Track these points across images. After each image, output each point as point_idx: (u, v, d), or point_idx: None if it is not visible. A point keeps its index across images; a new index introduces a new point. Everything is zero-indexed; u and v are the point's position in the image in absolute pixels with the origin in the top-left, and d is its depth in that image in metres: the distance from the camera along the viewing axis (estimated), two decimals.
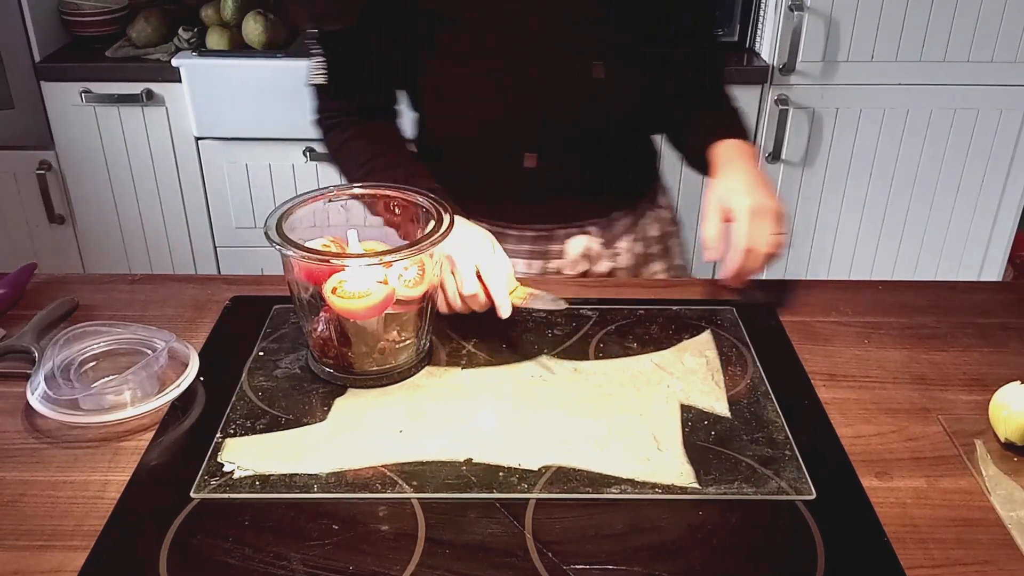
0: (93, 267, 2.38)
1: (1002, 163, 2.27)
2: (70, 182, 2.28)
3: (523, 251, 1.30)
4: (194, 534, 0.79)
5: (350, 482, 0.85)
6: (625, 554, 0.77)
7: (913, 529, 0.81)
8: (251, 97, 2.15)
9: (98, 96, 2.17)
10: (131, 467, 0.87)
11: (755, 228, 1.09)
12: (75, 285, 1.18)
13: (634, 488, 0.85)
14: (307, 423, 0.93)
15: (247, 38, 2.20)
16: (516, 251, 1.29)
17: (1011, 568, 0.77)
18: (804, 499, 0.84)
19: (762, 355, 1.05)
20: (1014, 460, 0.89)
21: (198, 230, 2.34)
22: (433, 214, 0.99)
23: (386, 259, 0.93)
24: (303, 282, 0.97)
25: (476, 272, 1.03)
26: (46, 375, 0.93)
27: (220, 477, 0.86)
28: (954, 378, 1.02)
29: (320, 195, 1.03)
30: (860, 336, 1.09)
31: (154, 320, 1.09)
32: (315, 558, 0.76)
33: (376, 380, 0.99)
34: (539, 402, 0.96)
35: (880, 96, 2.19)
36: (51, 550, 0.77)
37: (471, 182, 1.25)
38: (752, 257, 1.09)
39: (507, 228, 1.28)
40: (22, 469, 0.87)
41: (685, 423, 0.94)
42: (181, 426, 0.93)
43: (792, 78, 2.16)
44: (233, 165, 2.24)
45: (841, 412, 0.96)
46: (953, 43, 2.13)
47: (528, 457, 0.88)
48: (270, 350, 1.05)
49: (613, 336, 1.08)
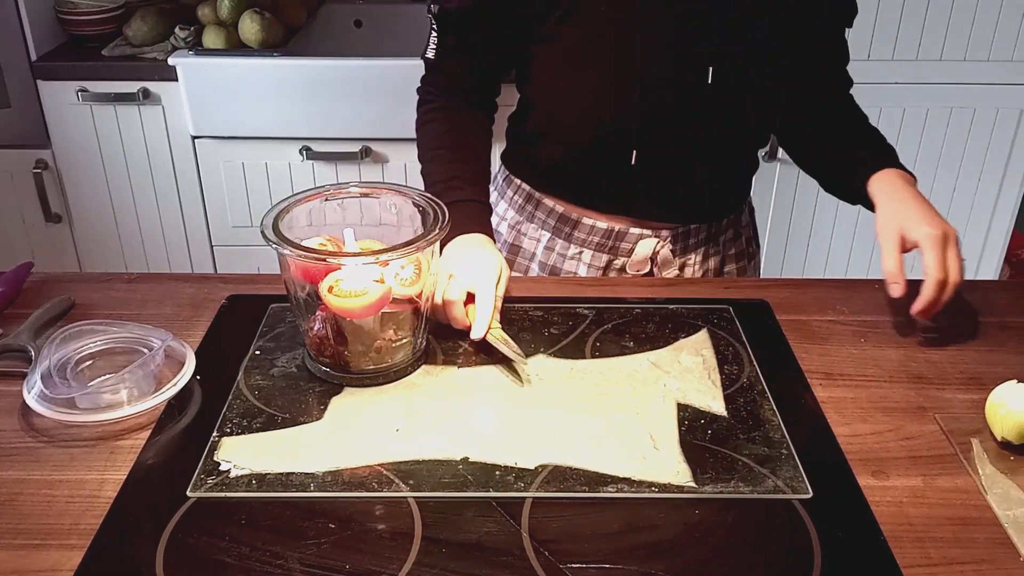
0: (89, 266, 2.38)
1: (999, 162, 2.28)
2: (67, 181, 2.28)
3: (592, 243, 1.29)
4: (190, 533, 0.79)
5: (347, 481, 0.85)
6: (622, 553, 0.77)
7: (910, 528, 0.81)
8: (248, 96, 2.14)
9: (94, 95, 2.17)
10: (127, 466, 0.87)
11: (945, 258, 1.06)
12: (71, 284, 1.18)
13: (631, 487, 0.85)
14: (304, 422, 0.93)
15: (243, 37, 2.19)
16: (585, 240, 1.30)
17: (1008, 567, 0.77)
18: (801, 498, 0.84)
19: (759, 354, 1.05)
20: (1011, 459, 0.89)
21: (195, 229, 2.34)
22: (429, 214, 0.99)
23: (382, 258, 0.93)
24: (300, 281, 0.97)
25: (468, 291, 1.05)
26: (42, 374, 0.93)
27: (216, 476, 0.85)
28: (951, 377, 1.02)
29: (317, 194, 1.03)
30: (857, 335, 1.10)
31: (150, 319, 1.09)
32: (312, 557, 0.76)
33: (372, 379, 0.99)
34: (536, 401, 0.96)
35: (877, 95, 2.19)
36: (47, 549, 0.77)
37: (565, 170, 1.28)
38: (946, 288, 1.06)
39: (584, 216, 1.29)
40: (18, 468, 0.87)
41: (681, 422, 0.94)
42: (178, 425, 0.93)
43: None
44: (230, 164, 2.24)
45: (838, 411, 0.96)
46: (950, 42, 2.14)
47: (525, 456, 0.88)
48: (267, 349, 1.05)
49: (609, 335, 1.08)
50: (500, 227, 1.37)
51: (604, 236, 1.29)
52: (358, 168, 2.22)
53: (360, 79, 2.11)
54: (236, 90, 2.13)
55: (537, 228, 1.33)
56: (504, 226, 1.36)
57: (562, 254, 1.32)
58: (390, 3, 2.53)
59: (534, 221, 1.33)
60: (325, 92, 2.12)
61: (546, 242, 1.32)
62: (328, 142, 2.20)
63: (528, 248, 1.34)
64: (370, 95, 2.12)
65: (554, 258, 1.32)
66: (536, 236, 1.33)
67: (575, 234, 1.30)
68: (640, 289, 1.20)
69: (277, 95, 2.13)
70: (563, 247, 1.31)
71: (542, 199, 1.31)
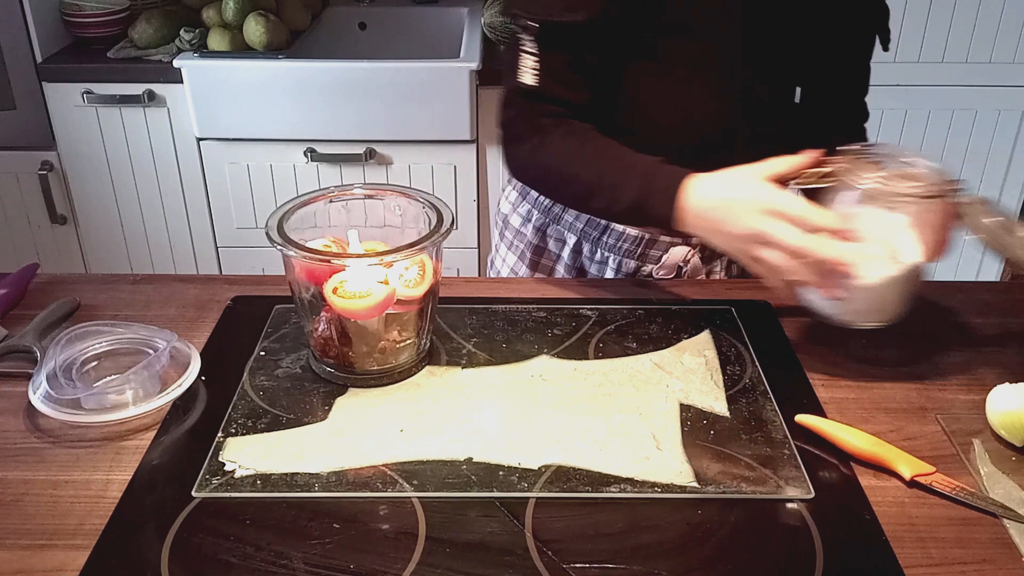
0: (95, 267, 2.39)
1: (1000, 163, 2.28)
2: (72, 182, 2.29)
3: (622, 249, 1.26)
4: (195, 533, 0.79)
5: (351, 481, 0.86)
6: (624, 553, 0.78)
7: (911, 528, 0.81)
8: (253, 98, 2.15)
9: (100, 97, 2.17)
10: (133, 466, 0.87)
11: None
12: (77, 285, 1.19)
13: (633, 487, 0.85)
14: (308, 422, 0.94)
15: (248, 39, 2.20)
16: (615, 247, 1.26)
17: (1009, 567, 0.77)
18: (803, 498, 0.84)
19: (761, 354, 1.05)
20: (1012, 459, 0.90)
21: (200, 230, 2.35)
22: (432, 214, 0.99)
23: (387, 259, 0.93)
24: (304, 282, 0.97)
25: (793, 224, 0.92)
26: (48, 375, 0.94)
27: (221, 476, 0.86)
28: (952, 378, 1.02)
29: (321, 195, 1.03)
30: (858, 336, 1.10)
31: (156, 320, 1.09)
32: (316, 557, 0.77)
33: (377, 380, 0.99)
34: (539, 401, 0.97)
35: (878, 97, 2.18)
36: (53, 549, 0.78)
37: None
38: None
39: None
40: (24, 468, 0.87)
41: (684, 422, 0.94)
42: (183, 425, 0.93)
43: None
44: (234, 166, 2.25)
45: (839, 411, 0.96)
46: (951, 44, 2.14)
47: (528, 456, 0.89)
48: (271, 350, 1.05)
49: (612, 336, 1.08)
50: (524, 228, 1.34)
51: (634, 243, 1.25)
52: (362, 170, 2.23)
53: (364, 81, 2.12)
54: (241, 92, 2.14)
55: (563, 231, 1.30)
56: (529, 228, 1.33)
57: (589, 257, 1.29)
58: (394, 5, 2.54)
59: (560, 223, 1.29)
60: (330, 94, 2.13)
61: (573, 245, 1.29)
62: (332, 144, 2.20)
63: (554, 250, 1.32)
64: (374, 97, 2.13)
65: (581, 261, 1.30)
66: (563, 239, 1.30)
67: (604, 239, 1.26)
68: (643, 290, 1.20)
69: (282, 97, 2.14)
70: (590, 251, 1.28)
71: None
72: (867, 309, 0.99)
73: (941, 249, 0.96)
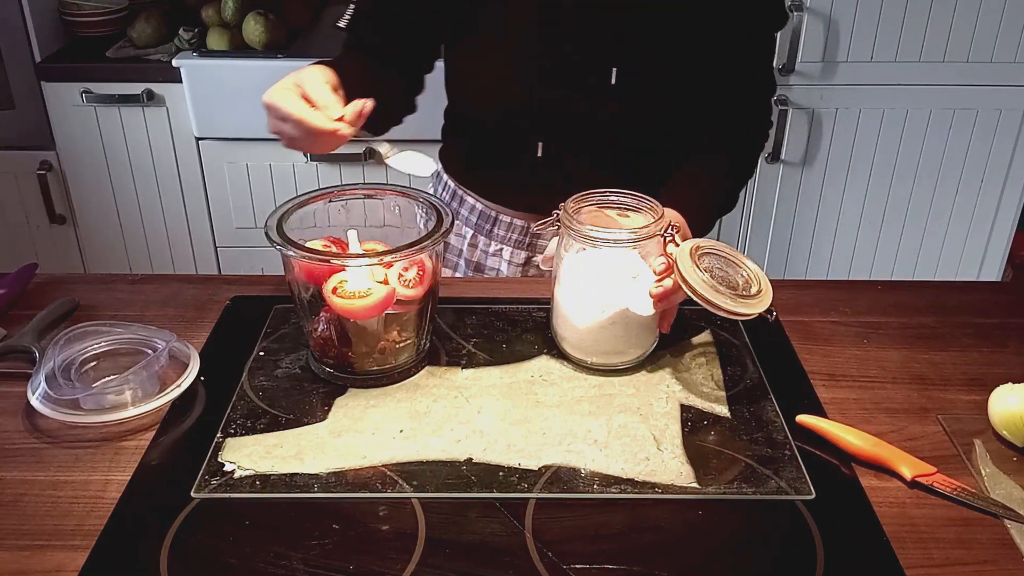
0: (94, 267, 2.39)
1: (1001, 163, 2.27)
2: (71, 182, 2.28)
3: (511, 239, 1.32)
4: (195, 534, 0.79)
5: (350, 482, 0.85)
6: (625, 554, 0.78)
7: (912, 529, 0.81)
8: (252, 97, 2.12)
9: (99, 96, 2.17)
10: (132, 467, 0.87)
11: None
12: (76, 285, 1.19)
13: (634, 488, 0.85)
14: (307, 423, 0.93)
15: (247, 38, 2.20)
16: (505, 237, 1.32)
17: (1010, 567, 0.77)
18: (804, 499, 0.84)
19: (762, 355, 1.05)
20: (1013, 459, 0.90)
21: (199, 230, 2.35)
22: (433, 214, 0.99)
23: (386, 259, 0.93)
24: (303, 282, 0.97)
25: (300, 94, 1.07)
26: (47, 375, 0.93)
27: (221, 477, 0.86)
28: (953, 378, 1.02)
29: (321, 195, 1.03)
30: (859, 336, 1.10)
31: (155, 320, 1.09)
32: (315, 557, 0.77)
33: (376, 380, 0.99)
34: (539, 402, 0.97)
35: (879, 96, 2.19)
36: (52, 550, 0.78)
37: (481, 158, 1.30)
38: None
39: (501, 213, 1.31)
40: (23, 469, 0.87)
41: (685, 423, 0.94)
42: (182, 426, 0.93)
43: (791, 78, 2.16)
44: (233, 165, 2.24)
45: (841, 412, 0.96)
46: (952, 43, 2.13)
47: (528, 457, 0.88)
48: (271, 350, 1.05)
49: None
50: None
51: (522, 233, 1.31)
52: (362, 170, 2.23)
53: None
54: (240, 91, 2.13)
55: (461, 225, 1.35)
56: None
57: (485, 251, 1.35)
58: None
59: (459, 218, 1.35)
60: None
61: (470, 239, 1.35)
62: None
63: (456, 245, 1.37)
64: None
65: (478, 255, 1.35)
66: (461, 233, 1.36)
67: (495, 231, 1.33)
68: None
69: None
70: (485, 244, 1.34)
71: (464, 196, 1.34)
72: (590, 349, 1.01)
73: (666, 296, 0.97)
